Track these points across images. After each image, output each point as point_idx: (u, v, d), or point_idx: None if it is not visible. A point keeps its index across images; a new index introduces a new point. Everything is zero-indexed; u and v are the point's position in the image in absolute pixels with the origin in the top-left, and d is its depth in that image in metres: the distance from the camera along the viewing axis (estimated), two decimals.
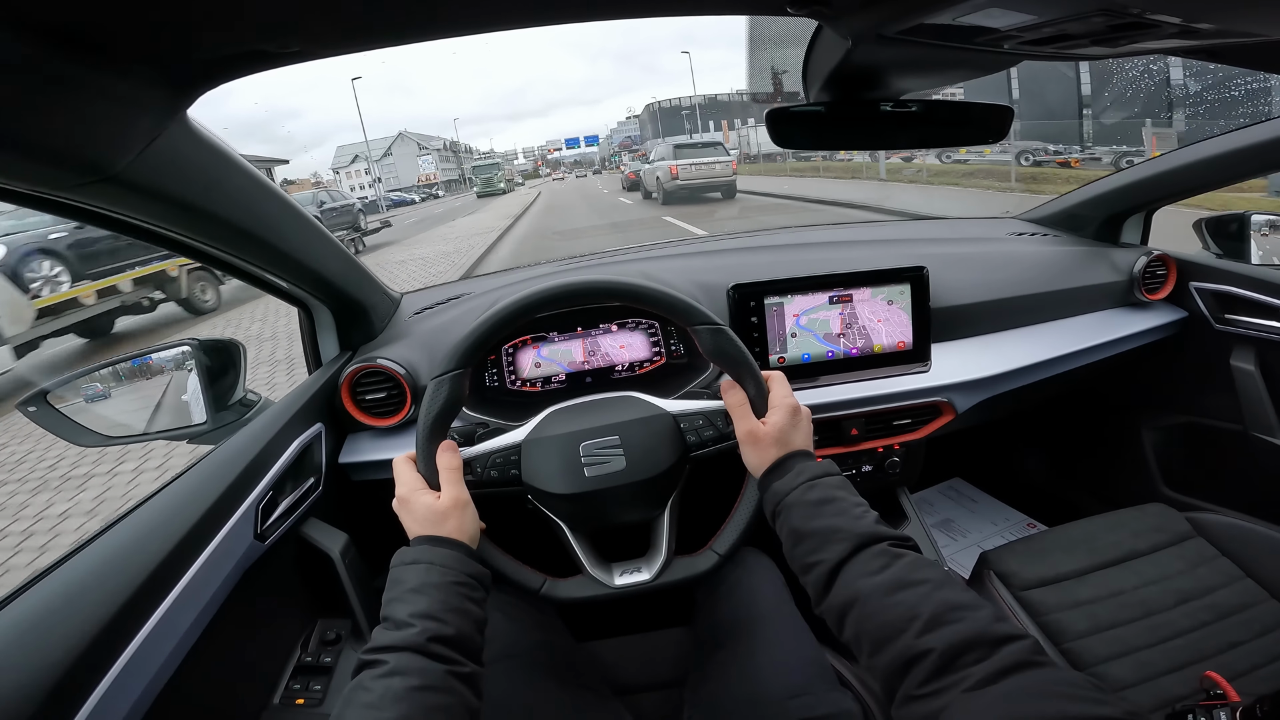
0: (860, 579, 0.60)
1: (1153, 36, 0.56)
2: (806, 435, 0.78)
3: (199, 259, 0.91)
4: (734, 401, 0.79)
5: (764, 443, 0.75)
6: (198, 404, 1.06)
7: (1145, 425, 1.68)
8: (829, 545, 0.64)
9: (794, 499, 0.69)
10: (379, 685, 0.55)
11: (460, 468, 0.76)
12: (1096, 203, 1.60)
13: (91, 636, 0.61)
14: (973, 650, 0.50)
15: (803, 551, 0.66)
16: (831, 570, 0.62)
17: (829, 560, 0.63)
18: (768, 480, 0.74)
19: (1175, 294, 1.53)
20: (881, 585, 0.58)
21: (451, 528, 0.71)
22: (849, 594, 0.60)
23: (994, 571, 1.15)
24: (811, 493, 0.69)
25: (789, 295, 1.19)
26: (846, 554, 0.62)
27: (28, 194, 0.60)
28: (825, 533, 0.65)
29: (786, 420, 0.76)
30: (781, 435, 0.75)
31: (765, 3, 0.60)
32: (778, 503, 0.71)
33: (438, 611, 0.61)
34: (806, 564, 0.66)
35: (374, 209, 32.07)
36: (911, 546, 0.63)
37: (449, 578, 0.65)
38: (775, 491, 0.72)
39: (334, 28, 0.54)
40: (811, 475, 0.71)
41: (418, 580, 0.64)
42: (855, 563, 0.61)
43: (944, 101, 0.85)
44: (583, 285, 0.83)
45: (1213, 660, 0.96)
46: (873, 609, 0.57)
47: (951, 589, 0.56)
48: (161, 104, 0.59)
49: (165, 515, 0.77)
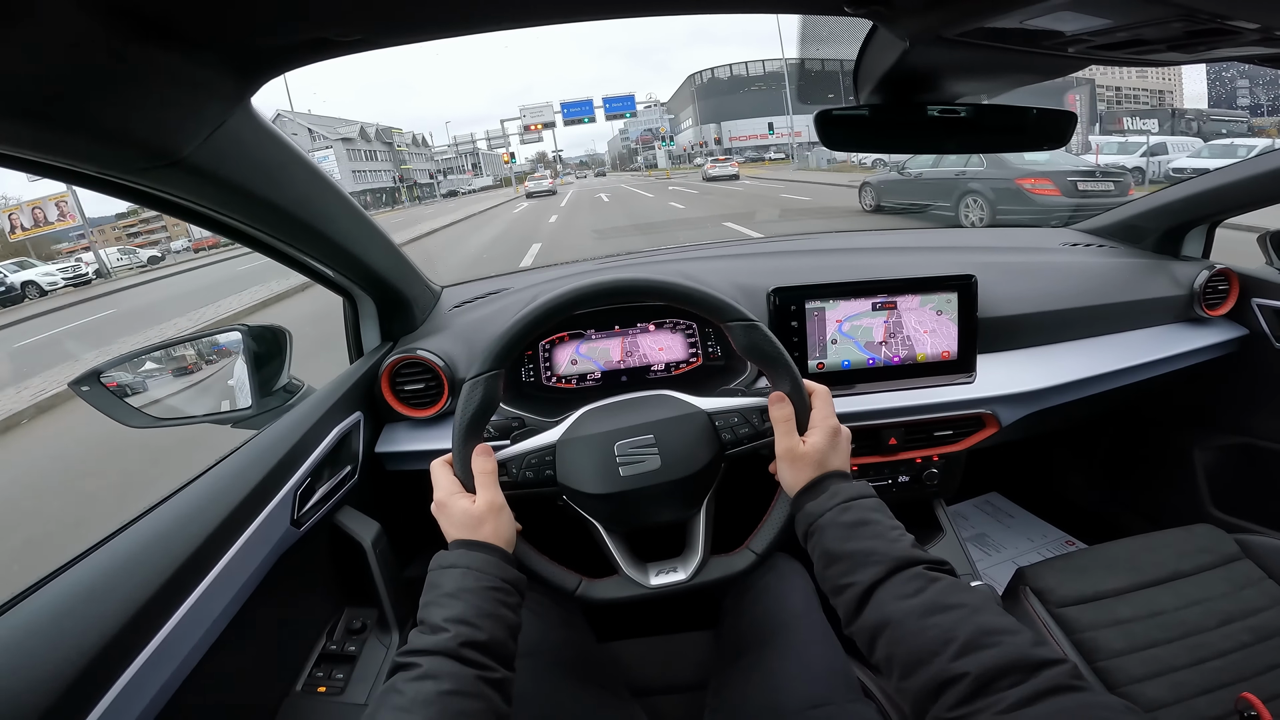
0: (894, 602, 0.59)
1: (1231, 43, 0.54)
2: (845, 456, 0.77)
3: (253, 246, 0.93)
4: (778, 416, 0.77)
5: (801, 462, 0.74)
6: (243, 389, 1.09)
7: (1197, 444, 1.62)
8: (863, 568, 0.62)
9: (828, 520, 0.68)
10: (411, 688, 0.56)
11: (495, 471, 0.76)
12: (1157, 214, 1.54)
13: (128, 617, 0.62)
14: (1009, 675, 0.49)
15: (835, 573, 0.65)
16: (864, 592, 0.61)
17: (862, 583, 0.62)
18: (801, 500, 0.73)
19: (1236, 310, 1.47)
20: (916, 609, 0.57)
21: (488, 532, 0.71)
22: (881, 616, 0.59)
23: (1030, 587, 1.12)
24: (846, 515, 0.68)
25: (831, 300, 1.17)
26: (880, 577, 0.61)
27: (94, 176, 0.62)
28: (859, 555, 0.64)
29: (826, 441, 0.75)
30: (820, 456, 0.74)
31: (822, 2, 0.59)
32: (811, 523, 0.70)
33: (471, 617, 0.62)
34: (839, 585, 0.65)
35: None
36: (948, 570, 0.62)
37: (484, 583, 0.66)
38: (809, 512, 0.71)
39: (398, 17, 0.55)
40: (847, 497, 0.69)
41: (453, 585, 0.65)
42: (889, 585, 0.60)
43: (1003, 105, 0.83)
44: (616, 284, 0.83)
45: (1250, 682, 0.93)
46: (906, 632, 0.56)
47: (989, 613, 0.55)
48: (228, 90, 0.60)
49: (207, 499, 0.79)
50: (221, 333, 1.10)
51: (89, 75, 0.46)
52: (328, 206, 0.92)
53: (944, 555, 1.28)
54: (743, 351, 0.83)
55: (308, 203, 0.87)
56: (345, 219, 0.97)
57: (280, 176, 0.80)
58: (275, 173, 0.78)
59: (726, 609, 1.04)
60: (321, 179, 0.88)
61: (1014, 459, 1.98)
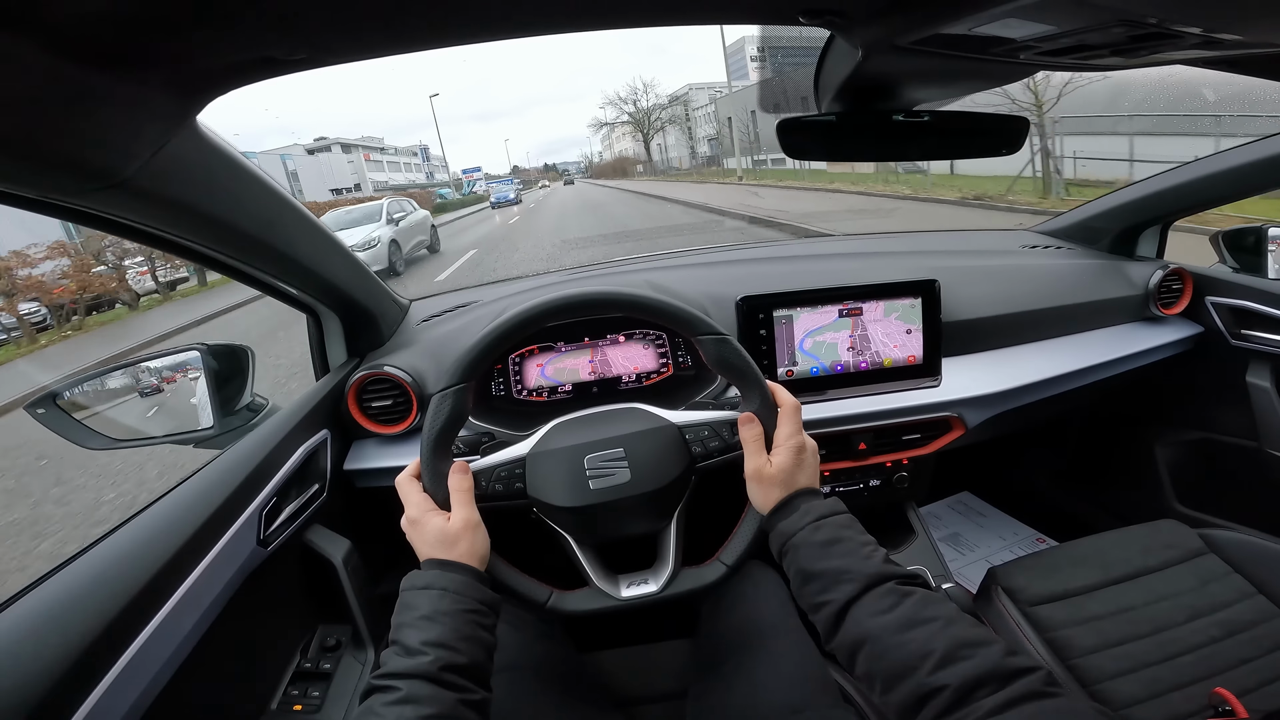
0: (869, 618, 0.59)
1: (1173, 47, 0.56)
2: (813, 472, 0.76)
3: (208, 265, 0.91)
4: (747, 436, 0.77)
5: (768, 483, 0.74)
6: (205, 408, 1.06)
7: (1159, 441, 1.66)
8: (837, 585, 0.63)
9: (800, 539, 0.68)
10: (391, 712, 0.55)
11: (471, 489, 0.75)
12: (1111, 215, 1.58)
13: (91, 639, 0.61)
14: (986, 685, 0.50)
15: (811, 591, 0.66)
16: (840, 610, 0.62)
17: (837, 600, 0.62)
18: (774, 519, 0.73)
19: (1191, 309, 1.51)
20: (891, 624, 0.58)
21: (463, 550, 0.70)
22: (859, 632, 0.60)
23: (1001, 587, 1.13)
24: (818, 533, 0.68)
25: (798, 308, 1.18)
26: (855, 594, 0.62)
27: (36, 199, 0.60)
28: (833, 573, 0.64)
29: (791, 460, 0.74)
30: (786, 475, 0.74)
31: (777, 13, 0.60)
32: (784, 542, 0.70)
33: (450, 639, 0.61)
34: (815, 603, 0.65)
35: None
36: (920, 583, 0.63)
37: (461, 605, 0.65)
38: (781, 531, 0.71)
39: (341, 35, 0.54)
40: (818, 515, 0.69)
41: (430, 607, 0.64)
42: (864, 602, 0.61)
43: (957, 112, 0.85)
44: (586, 297, 0.83)
45: (1222, 676, 0.94)
46: (884, 647, 0.57)
47: (962, 625, 0.56)
48: (170, 111, 0.59)
49: (169, 520, 0.77)
50: (180, 352, 1.07)
51: (21, 97, 0.45)
52: (285, 223, 0.90)
53: (916, 557, 1.30)
54: (713, 365, 0.83)
55: (263, 220, 0.86)
56: (304, 235, 0.95)
57: (232, 195, 0.78)
58: (226, 191, 0.77)
59: (704, 617, 1.04)
60: (277, 196, 0.86)
61: (984, 459, 2.01)
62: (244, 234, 0.84)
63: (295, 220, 0.92)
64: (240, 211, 0.81)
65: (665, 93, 63.99)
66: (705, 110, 56.74)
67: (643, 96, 61.72)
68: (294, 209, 0.91)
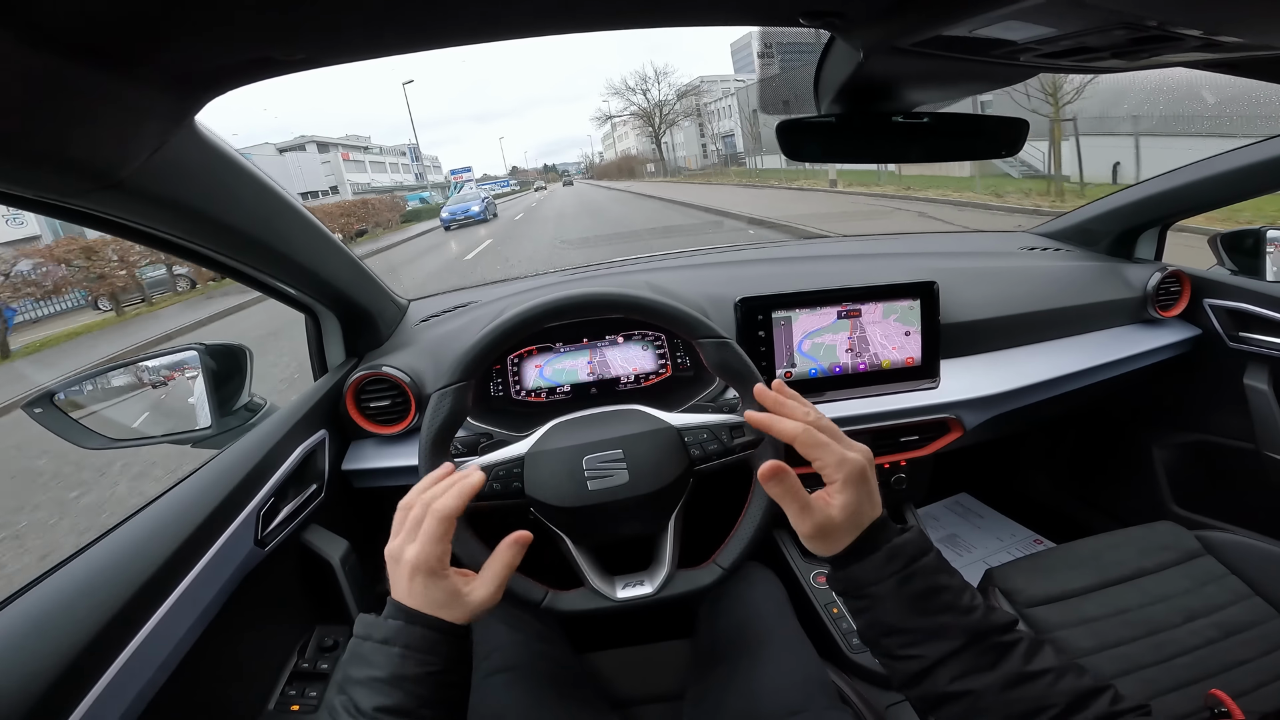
0: (967, 677, 0.54)
1: (1174, 50, 0.55)
2: (876, 490, 0.62)
3: (206, 265, 0.91)
4: (779, 493, 0.61)
5: (837, 532, 0.60)
6: (203, 408, 1.06)
7: (1156, 443, 1.66)
8: (931, 642, 0.56)
9: (885, 591, 0.57)
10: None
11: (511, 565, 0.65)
12: (1110, 217, 1.58)
13: (89, 639, 0.61)
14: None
15: (893, 644, 0.58)
16: (931, 666, 0.55)
17: (929, 657, 0.55)
18: (844, 563, 0.61)
19: (1189, 311, 1.51)
20: (997, 682, 0.53)
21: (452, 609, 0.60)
22: (953, 690, 0.54)
23: (998, 588, 1.13)
24: (910, 585, 0.57)
25: (797, 310, 1.18)
26: (952, 651, 0.55)
27: (35, 200, 0.60)
28: (928, 629, 0.56)
29: (857, 496, 0.60)
30: (857, 515, 0.60)
31: (778, 14, 0.60)
32: (860, 589, 0.59)
33: (411, 707, 0.53)
34: (896, 655, 0.58)
35: None
36: (1018, 631, 0.58)
37: (428, 667, 0.55)
38: (857, 579, 0.59)
39: (340, 36, 0.54)
40: (907, 560, 0.58)
41: (389, 669, 0.54)
42: (961, 659, 0.55)
43: (957, 114, 0.85)
44: (586, 297, 0.83)
45: (1219, 678, 0.94)
46: (987, 705, 0.53)
47: (1071, 677, 0.54)
48: (168, 111, 0.58)
49: (167, 520, 0.77)
50: (178, 352, 1.07)
51: (17, 98, 0.45)
52: (283, 224, 0.90)
53: None
54: (713, 368, 0.83)
55: (261, 221, 0.86)
56: (302, 236, 0.95)
57: (230, 195, 0.78)
58: (225, 192, 0.77)
59: (702, 618, 1.04)
60: (276, 196, 0.86)
61: (982, 460, 2.01)
62: (242, 234, 0.84)
63: (294, 220, 0.92)
64: (239, 212, 0.81)
65: (680, 82, 55.32)
66: (722, 104, 49.49)
67: (654, 86, 53.69)
68: (293, 209, 0.91)
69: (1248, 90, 6.83)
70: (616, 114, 56.31)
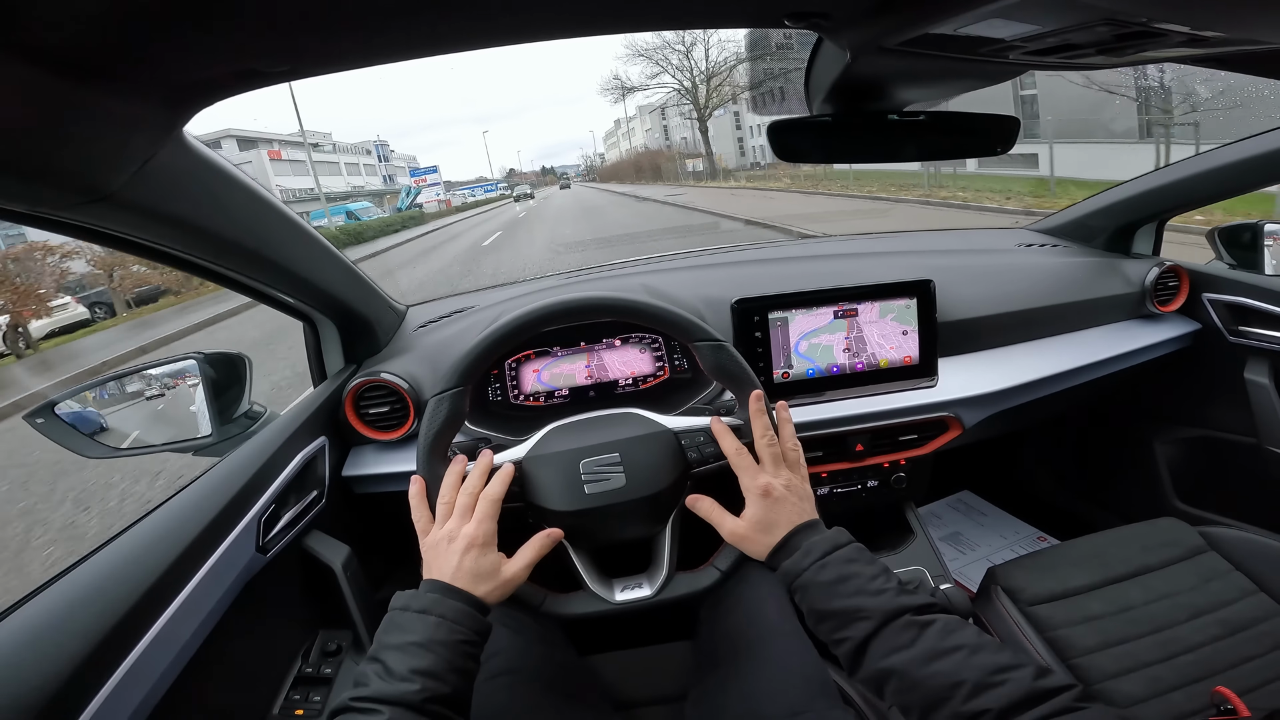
0: (891, 654, 0.60)
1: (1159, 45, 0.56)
2: (793, 506, 0.76)
3: (202, 275, 0.91)
4: (702, 511, 0.80)
5: (749, 540, 0.75)
6: (203, 416, 1.07)
7: (1157, 439, 1.66)
8: (853, 624, 0.63)
9: (807, 580, 0.68)
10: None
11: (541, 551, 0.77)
12: (1107, 213, 1.58)
13: (92, 647, 0.61)
14: (1022, 708, 0.52)
15: (827, 629, 0.66)
16: (859, 647, 0.62)
17: (855, 638, 0.63)
18: (776, 561, 0.73)
19: (1188, 306, 1.51)
20: (916, 658, 0.58)
21: (479, 582, 0.70)
22: (882, 667, 0.60)
23: (1001, 587, 1.13)
24: (824, 573, 0.67)
25: (793, 310, 1.18)
26: (871, 631, 0.62)
27: (26, 214, 0.60)
28: (847, 612, 0.64)
29: (759, 510, 0.75)
30: (763, 524, 0.74)
31: (764, 16, 0.60)
32: (791, 582, 0.70)
33: (440, 670, 0.60)
34: (832, 640, 0.66)
35: None
36: (937, 610, 0.63)
37: (458, 635, 0.63)
38: (786, 572, 0.71)
39: (323, 47, 0.55)
40: (820, 553, 0.69)
41: (424, 634, 0.62)
42: (882, 638, 0.61)
43: (949, 112, 0.85)
44: (582, 302, 0.83)
45: (1224, 675, 0.94)
46: (911, 681, 0.58)
47: (987, 652, 0.57)
48: (156, 123, 0.59)
49: (168, 527, 0.78)
50: (177, 361, 1.08)
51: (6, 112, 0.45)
52: (276, 232, 0.91)
53: (915, 558, 1.30)
54: (709, 371, 0.84)
55: (254, 230, 0.86)
56: (296, 243, 0.96)
57: (222, 205, 0.79)
58: (216, 201, 0.77)
59: (703, 620, 1.04)
60: (268, 204, 0.87)
61: (984, 457, 2.01)
62: (236, 244, 0.84)
63: (288, 229, 0.93)
64: (232, 221, 0.81)
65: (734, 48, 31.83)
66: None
67: (699, 45, 31.94)
68: (287, 218, 0.91)
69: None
70: (637, 84, 34.96)
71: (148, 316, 12.73)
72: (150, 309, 12.54)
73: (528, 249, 13.50)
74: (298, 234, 0.95)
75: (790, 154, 0.86)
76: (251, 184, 0.82)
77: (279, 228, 0.91)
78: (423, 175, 45.55)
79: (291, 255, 0.96)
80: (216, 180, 0.76)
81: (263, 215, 0.87)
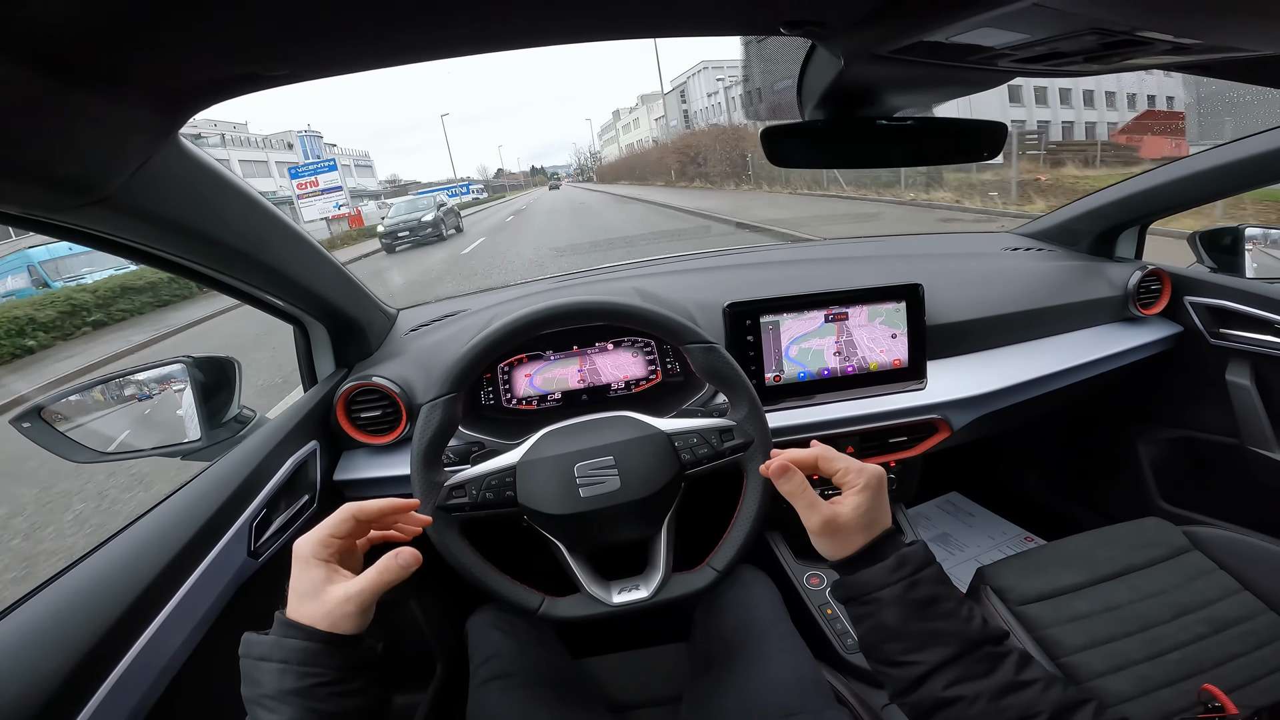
0: (960, 683, 0.56)
1: (1145, 54, 0.57)
2: (888, 503, 0.66)
3: (194, 279, 0.91)
4: (790, 490, 0.65)
5: (845, 530, 0.63)
6: (192, 421, 1.06)
7: (1141, 440, 1.68)
8: (929, 648, 0.58)
9: (890, 596, 0.60)
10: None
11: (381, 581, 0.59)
12: (1090, 217, 1.60)
13: (85, 652, 0.61)
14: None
15: (892, 650, 0.60)
16: (927, 672, 0.58)
17: (927, 663, 0.58)
18: (854, 567, 0.63)
19: (1170, 308, 1.53)
20: (989, 690, 0.55)
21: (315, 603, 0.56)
22: (945, 696, 0.57)
23: (990, 586, 1.14)
24: (914, 591, 0.60)
25: (784, 314, 1.19)
26: (949, 658, 0.57)
27: (21, 217, 0.60)
28: (926, 635, 0.59)
29: (870, 500, 0.63)
30: (870, 519, 0.63)
31: (759, 24, 0.61)
32: (866, 594, 0.62)
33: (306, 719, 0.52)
34: (893, 660, 0.60)
35: None
36: (1009, 642, 0.60)
37: (310, 680, 0.52)
38: (865, 583, 0.62)
39: (320, 51, 0.55)
40: (914, 569, 0.61)
41: (272, 684, 0.52)
42: (957, 667, 0.57)
43: (939, 118, 0.86)
44: (574, 306, 0.84)
45: (1211, 673, 0.95)
46: (978, 712, 0.55)
47: (1058, 688, 0.56)
48: (152, 127, 0.59)
49: (159, 532, 0.77)
50: (164, 365, 1.07)
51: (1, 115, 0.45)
52: (269, 236, 0.91)
53: None
54: (701, 373, 0.84)
55: (247, 233, 0.86)
56: (288, 247, 0.95)
57: (215, 208, 0.79)
58: (210, 204, 0.77)
59: (698, 621, 1.05)
60: (261, 208, 0.86)
61: (972, 459, 2.03)
62: (229, 247, 0.84)
63: (280, 232, 0.92)
64: (225, 225, 0.81)
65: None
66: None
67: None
68: (279, 221, 0.91)
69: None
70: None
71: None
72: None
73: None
74: (290, 237, 0.95)
75: (782, 159, 0.87)
76: (245, 187, 0.82)
77: (272, 231, 0.91)
78: (309, 177, 23.56)
79: (283, 258, 0.95)
80: (211, 184, 0.75)
81: (256, 219, 0.86)
